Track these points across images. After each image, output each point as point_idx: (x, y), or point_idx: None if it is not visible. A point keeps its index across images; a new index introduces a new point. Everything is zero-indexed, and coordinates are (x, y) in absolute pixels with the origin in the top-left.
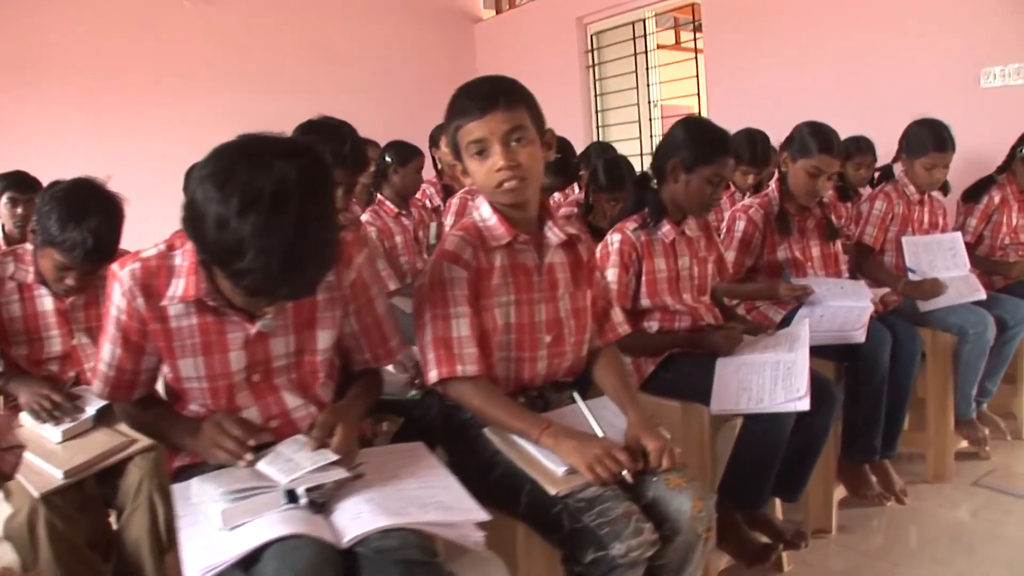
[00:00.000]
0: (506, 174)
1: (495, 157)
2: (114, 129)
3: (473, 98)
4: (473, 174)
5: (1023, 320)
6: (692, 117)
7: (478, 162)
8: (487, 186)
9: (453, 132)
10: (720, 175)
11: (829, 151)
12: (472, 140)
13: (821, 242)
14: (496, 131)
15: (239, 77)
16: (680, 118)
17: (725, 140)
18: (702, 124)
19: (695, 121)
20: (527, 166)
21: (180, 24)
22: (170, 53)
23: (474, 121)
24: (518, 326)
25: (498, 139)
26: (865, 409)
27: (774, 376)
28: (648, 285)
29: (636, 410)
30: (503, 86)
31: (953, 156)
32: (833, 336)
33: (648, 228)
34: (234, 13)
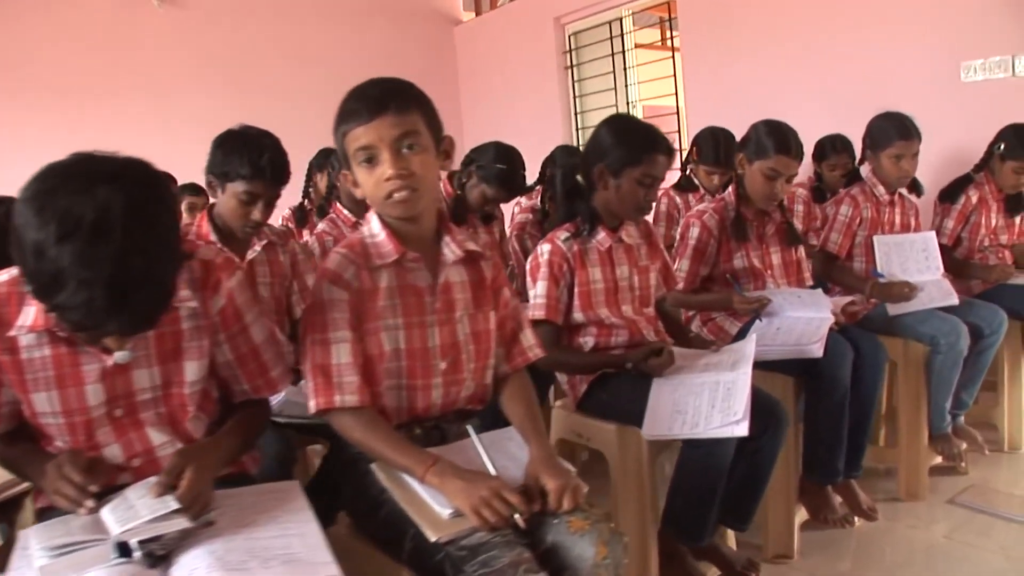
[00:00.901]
0: (396, 184)
1: (384, 165)
2: (84, 135)
3: (361, 101)
4: (362, 184)
5: (1000, 327)
6: (616, 116)
7: (366, 171)
8: (376, 197)
9: (341, 138)
10: (651, 175)
11: (787, 152)
12: (360, 147)
13: (782, 249)
14: (386, 137)
15: (212, 82)
16: (605, 119)
17: (653, 137)
18: (626, 123)
19: (619, 120)
20: (420, 175)
21: (151, 28)
22: (140, 57)
23: (362, 126)
24: (408, 351)
25: (387, 146)
26: (825, 427)
27: (712, 398)
28: (581, 298)
29: (539, 443)
30: (395, 89)
31: (919, 146)
32: (789, 350)
33: (581, 237)
34: (206, 16)
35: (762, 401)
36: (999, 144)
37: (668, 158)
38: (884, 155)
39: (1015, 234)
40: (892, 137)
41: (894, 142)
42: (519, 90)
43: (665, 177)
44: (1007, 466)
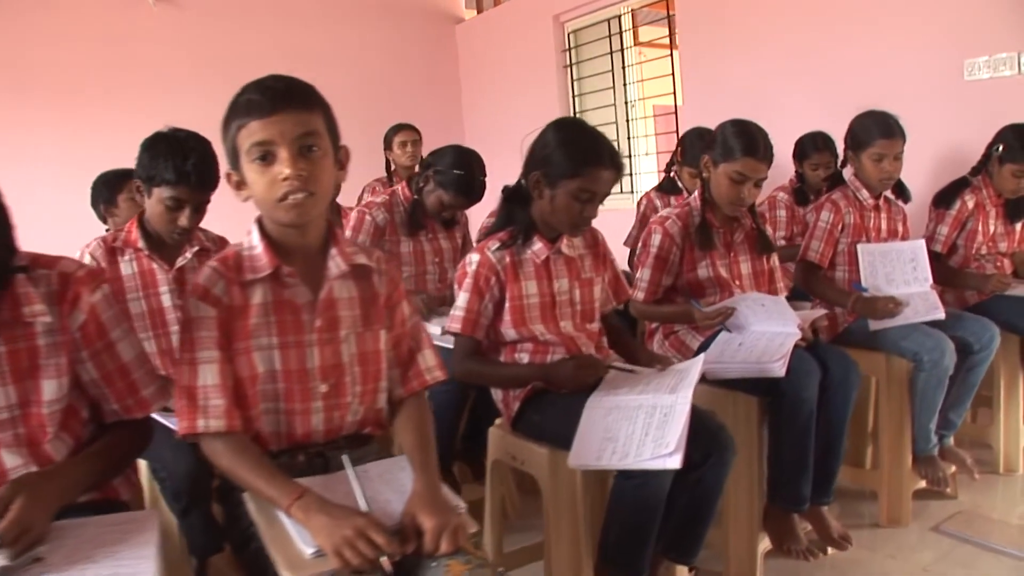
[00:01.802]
0: (294, 184)
1: (281, 164)
2: (79, 134)
3: (262, 93)
4: (252, 184)
5: (990, 343)
6: (564, 121)
7: (259, 169)
8: (268, 199)
9: (234, 133)
10: (589, 190)
11: (754, 154)
12: (256, 142)
13: (752, 257)
14: (287, 133)
15: (209, 81)
16: (553, 121)
17: (597, 150)
18: (573, 130)
19: (565, 126)
20: (318, 180)
21: (147, 28)
22: (136, 57)
23: (260, 120)
24: (285, 373)
25: (288, 143)
26: (790, 451)
27: (647, 424)
28: (513, 313)
29: (423, 477)
30: (299, 85)
31: (903, 146)
32: (750, 368)
33: (515, 247)
34: (203, 15)
35: (705, 426)
36: (997, 146)
37: (612, 173)
38: (865, 155)
39: (1015, 242)
40: (873, 136)
41: (875, 141)
42: (519, 88)
43: (607, 194)
44: (1001, 490)
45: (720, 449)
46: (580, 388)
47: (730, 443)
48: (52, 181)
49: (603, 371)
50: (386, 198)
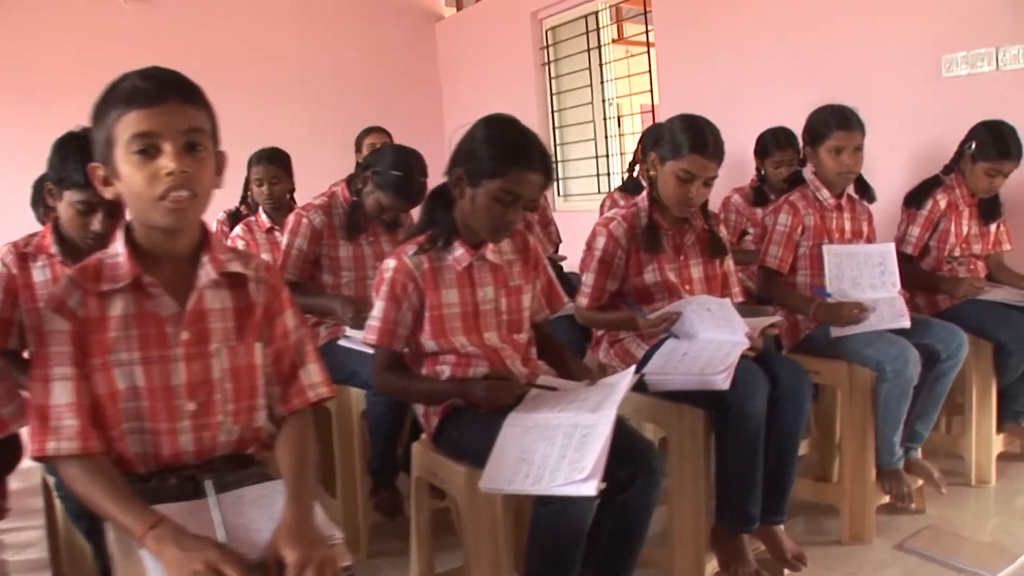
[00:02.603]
0: (176, 181)
1: (165, 159)
2: (49, 134)
3: (149, 81)
4: (126, 179)
5: (958, 351)
6: (494, 117)
7: (139, 163)
8: (144, 196)
9: (111, 122)
10: (512, 192)
11: (702, 151)
12: (138, 133)
13: (704, 261)
14: (174, 126)
15: None
16: (483, 117)
17: (526, 150)
18: (502, 127)
19: (494, 122)
20: (201, 181)
21: (117, 27)
22: (105, 57)
23: (145, 109)
24: (148, 391)
25: (174, 137)
26: (736, 469)
27: (565, 445)
28: (432, 323)
29: (294, 505)
30: (187, 81)
31: (862, 139)
32: (693, 381)
33: (435, 252)
34: (175, 14)
35: (633, 445)
36: (970, 143)
37: (540, 177)
38: (823, 149)
39: (989, 243)
40: (830, 128)
41: (832, 133)
42: (498, 87)
43: (534, 198)
44: (973, 504)
45: (648, 471)
46: (495, 408)
47: (659, 464)
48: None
49: (519, 390)
50: (325, 200)
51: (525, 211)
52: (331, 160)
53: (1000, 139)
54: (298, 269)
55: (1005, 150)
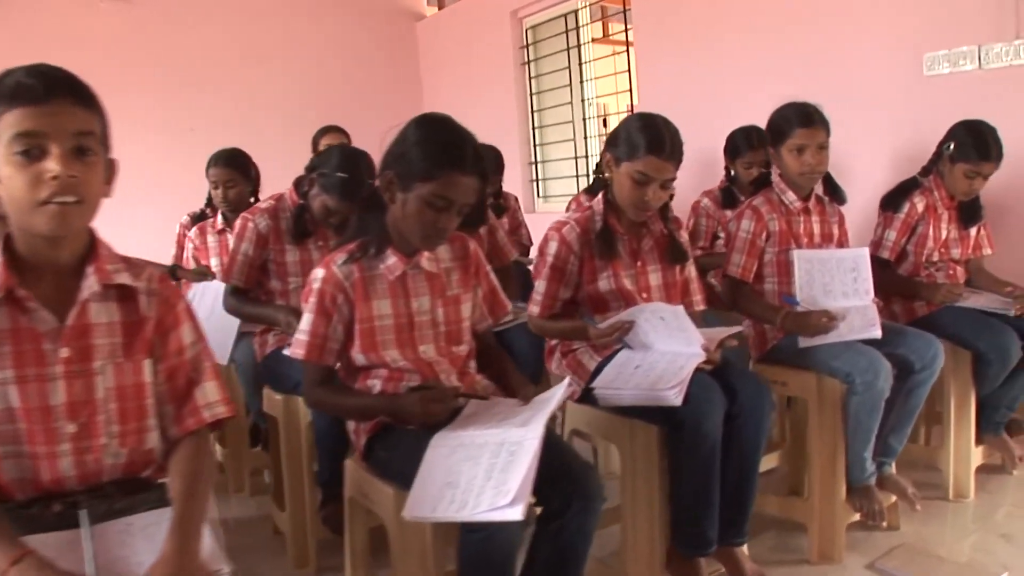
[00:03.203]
0: (63, 184)
1: (51, 162)
2: None
3: (37, 77)
4: (7, 181)
5: (934, 361)
6: (428, 117)
7: (20, 164)
8: (26, 201)
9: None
10: (445, 197)
11: (658, 152)
12: (23, 132)
13: (663, 268)
14: (61, 128)
15: (160, 80)
16: (418, 116)
17: (460, 152)
18: (435, 127)
19: (428, 122)
20: (89, 187)
21: (95, 26)
22: (83, 56)
23: (31, 106)
24: (24, 412)
25: (62, 139)
26: (691, 490)
27: (491, 466)
28: (363, 336)
29: (176, 536)
30: (78, 80)
31: (826, 138)
32: (643, 396)
33: (365, 261)
34: (154, 14)
35: (569, 467)
36: (948, 143)
37: (474, 181)
38: (785, 148)
39: (969, 248)
40: (792, 125)
41: (794, 131)
42: (479, 87)
43: (468, 204)
44: (950, 520)
45: (584, 496)
46: (429, 424)
47: (597, 488)
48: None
49: (453, 403)
50: (272, 203)
51: (496, 215)
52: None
53: (979, 139)
54: (244, 275)
55: (984, 151)
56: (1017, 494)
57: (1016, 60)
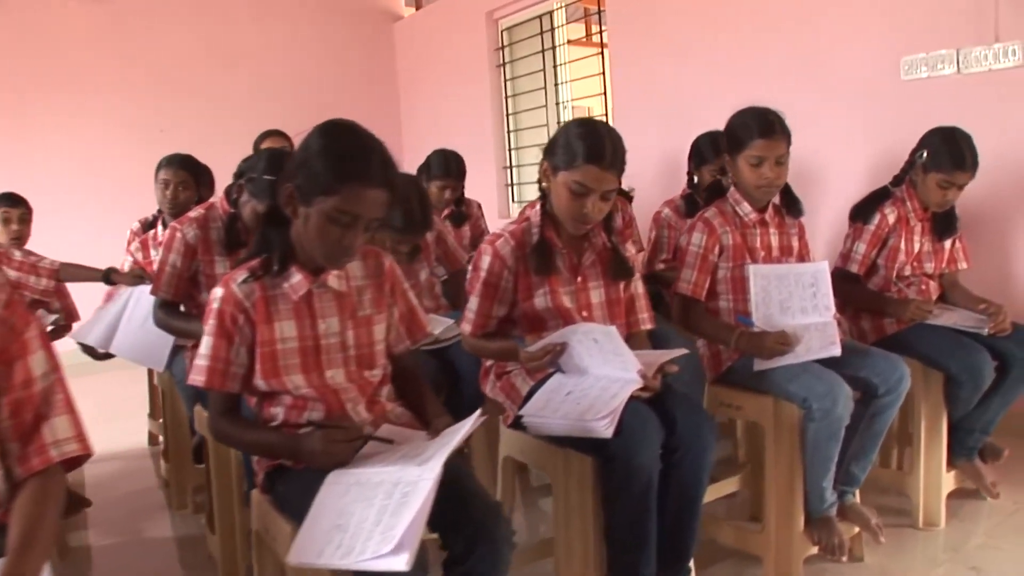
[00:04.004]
0: None
1: None
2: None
3: None
4: None
5: (899, 385)
6: (329, 124)
7: None
8: None
9: None
10: (349, 212)
11: (598, 160)
12: None
13: (605, 284)
14: None
15: (131, 81)
16: (320, 124)
17: (364, 162)
18: (339, 136)
19: (333, 130)
20: None
21: (66, 24)
22: (55, 55)
23: None
24: None
25: None
26: (624, 527)
27: (383, 508)
28: (264, 360)
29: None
30: None
31: (787, 149)
32: (572, 426)
33: (269, 279)
34: (125, 14)
35: (470, 508)
36: (921, 152)
37: (382, 194)
38: (742, 158)
39: (943, 261)
40: (751, 135)
41: (753, 142)
42: (455, 89)
43: (378, 219)
44: (919, 550)
45: (489, 539)
46: (332, 465)
47: (503, 532)
48: None
49: (358, 441)
50: (201, 212)
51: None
52: None
53: (954, 148)
54: (172, 288)
55: (959, 160)
56: (991, 522)
57: (996, 64)
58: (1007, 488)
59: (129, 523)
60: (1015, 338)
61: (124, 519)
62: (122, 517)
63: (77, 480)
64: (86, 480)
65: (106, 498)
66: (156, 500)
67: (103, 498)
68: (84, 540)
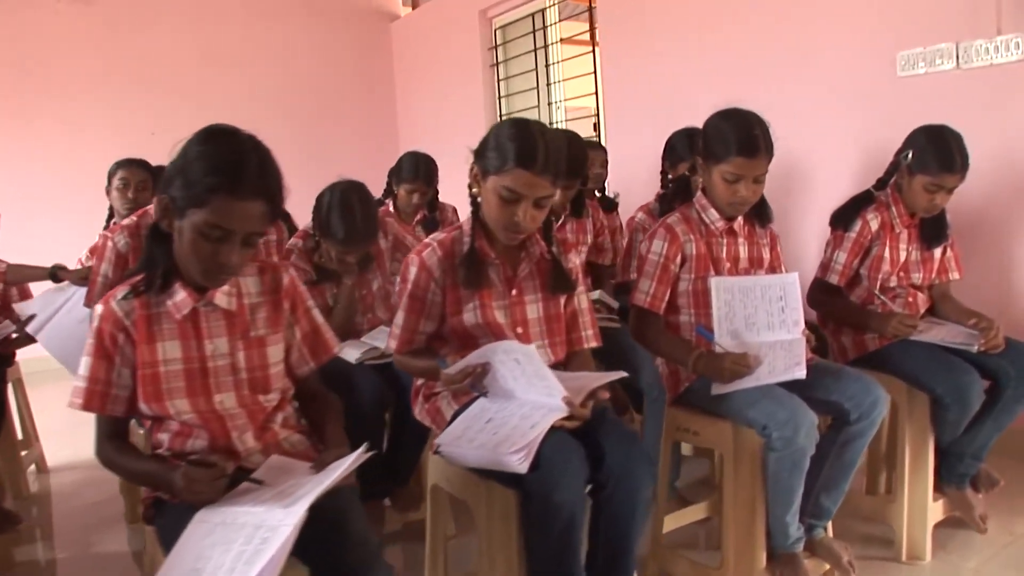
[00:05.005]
0: None
1: None
2: None
3: None
4: None
5: (873, 410)
6: (207, 130)
7: None
8: None
9: None
10: (221, 227)
11: (529, 164)
12: None
13: (543, 298)
14: None
15: (120, 83)
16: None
17: (237, 171)
18: (211, 141)
19: (206, 136)
20: None
21: (53, 27)
22: (42, 57)
23: None
24: None
25: None
26: (546, 566)
27: (239, 555)
28: (144, 383)
29: None
30: None
31: (767, 166)
32: (486, 458)
33: (151, 296)
34: (114, 16)
35: (346, 550)
36: (906, 152)
37: (259, 206)
38: (717, 171)
39: (933, 271)
40: (730, 150)
41: (731, 158)
42: (451, 88)
43: (258, 233)
44: None
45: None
46: (200, 503)
47: (382, 572)
48: None
49: (221, 483)
50: (134, 220)
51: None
52: (283, 165)
53: (941, 147)
54: None
55: (947, 161)
56: (982, 556)
57: (998, 58)
58: (1004, 517)
59: (84, 535)
60: (1008, 355)
61: (79, 531)
62: (78, 529)
63: (43, 487)
64: (51, 489)
65: (69, 508)
66: (117, 511)
67: (65, 508)
68: (33, 554)
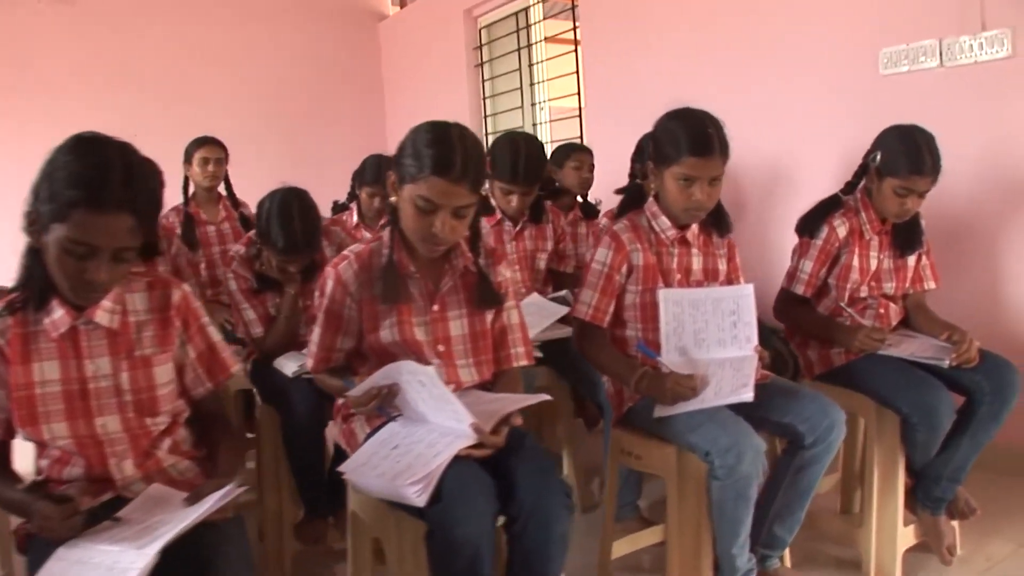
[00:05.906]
0: None
1: None
2: None
3: None
4: None
5: (829, 433)
6: (77, 138)
7: None
8: None
9: None
10: (83, 243)
11: (445, 172)
12: None
13: (469, 313)
14: None
15: (102, 84)
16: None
17: (97, 183)
18: (80, 150)
19: (75, 145)
20: None
21: (35, 26)
22: (23, 57)
23: None
24: None
25: None
26: None
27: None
28: (19, 406)
29: None
30: None
31: (723, 168)
32: (386, 489)
33: (28, 314)
34: (98, 15)
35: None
36: (874, 154)
37: (125, 218)
38: (669, 173)
39: (906, 280)
40: (681, 150)
41: (684, 158)
42: (437, 88)
43: (124, 246)
44: None
45: None
46: (57, 539)
47: None
48: None
49: (78, 519)
50: None
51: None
52: (269, 166)
53: (911, 148)
54: None
55: (916, 163)
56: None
57: (982, 55)
58: (982, 539)
59: None
60: (983, 369)
61: None
62: None
63: None
64: None
65: None
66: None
67: None
68: None
